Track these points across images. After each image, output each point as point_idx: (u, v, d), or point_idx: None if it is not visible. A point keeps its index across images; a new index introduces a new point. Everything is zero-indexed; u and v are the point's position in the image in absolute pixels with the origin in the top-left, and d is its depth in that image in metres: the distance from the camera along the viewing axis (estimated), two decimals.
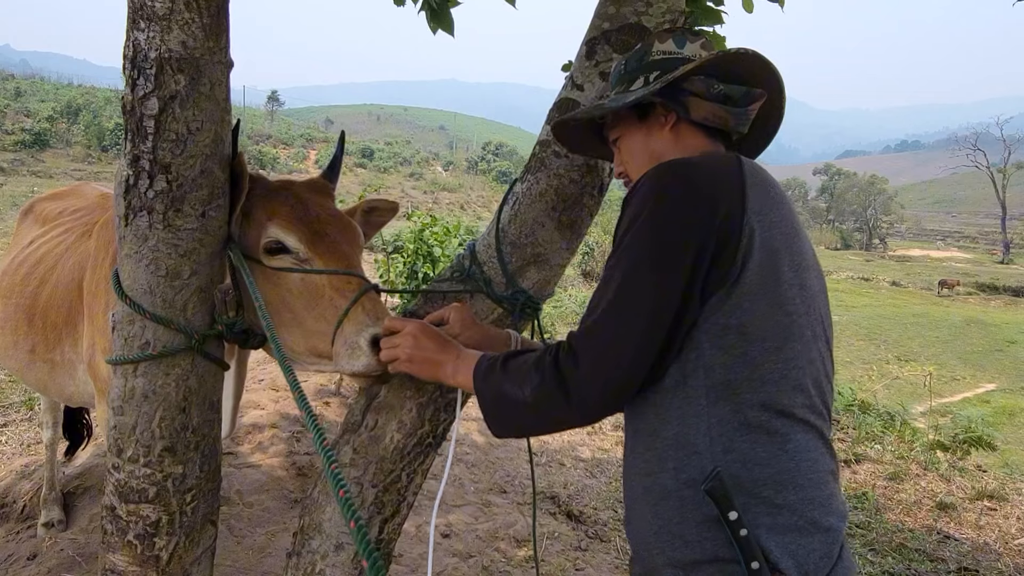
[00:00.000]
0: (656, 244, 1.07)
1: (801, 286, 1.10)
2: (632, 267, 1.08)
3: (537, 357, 1.16)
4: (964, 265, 47.99)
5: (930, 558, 3.61)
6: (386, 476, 1.70)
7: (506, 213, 1.74)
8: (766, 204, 1.10)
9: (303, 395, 1.09)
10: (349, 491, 0.86)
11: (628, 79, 1.31)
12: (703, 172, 1.11)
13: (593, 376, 1.08)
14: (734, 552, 1.01)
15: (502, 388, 1.18)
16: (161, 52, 1.37)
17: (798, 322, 1.08)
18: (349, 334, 1.48)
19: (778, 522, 1.02)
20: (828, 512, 1.06)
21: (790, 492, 1.04)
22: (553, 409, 1.13)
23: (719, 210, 1.06)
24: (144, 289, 1.48)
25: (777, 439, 1.05)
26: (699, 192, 1.07)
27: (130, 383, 1.52)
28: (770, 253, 1.07)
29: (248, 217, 1.62)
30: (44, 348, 2.30)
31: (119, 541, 1.57)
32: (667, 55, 1.26)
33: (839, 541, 1.07)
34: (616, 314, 1.08)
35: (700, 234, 1.04)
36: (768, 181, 1.16)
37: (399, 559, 2.96)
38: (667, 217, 1.07)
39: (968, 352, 22.53)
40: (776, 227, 1.10)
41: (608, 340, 1.08)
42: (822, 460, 1.09)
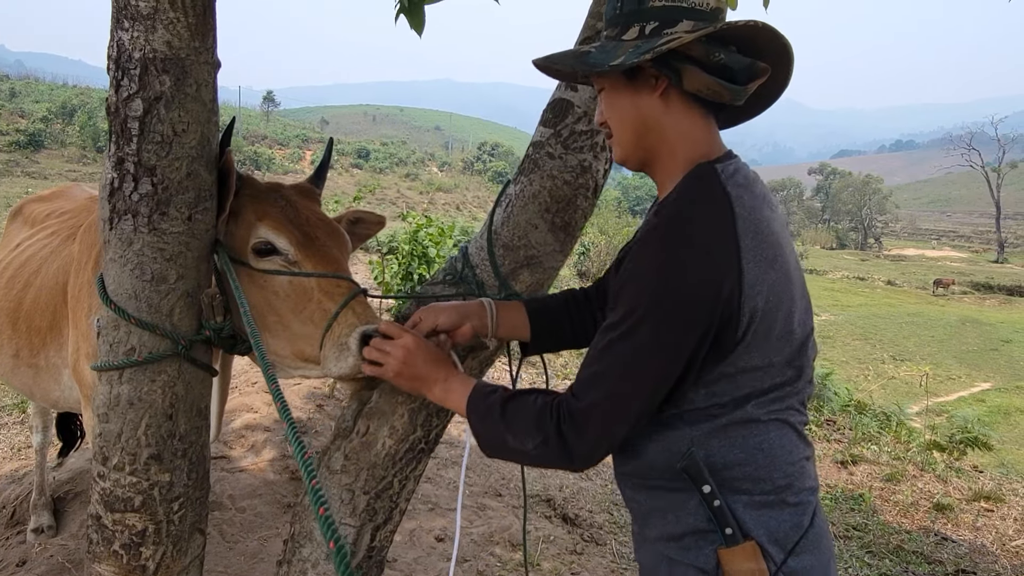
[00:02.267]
0: (661, 329, 1.06)
1: (789, 332, 1.12)
2: (634, 349, 1.08)
3: (537, 415, 1.17)
4: (959, 264, 48.16)
5: (928, 560, 3.60)
6: (378, 483, 1.67)
7: (499, 215, 1.72)
8: (761, 265, 1.07)
9: (285, 405, 1.07)
10: (330, 510, 0.83)
11: (622, 23, 1.16)
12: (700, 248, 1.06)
13: (596, 445, 1.13)
14: (711, 522, 1.12)
15: (502, 436, 1.20)
16: (145, 52, 1.34)
17: (783, 361, 1.13)
18: (338, 336, 1.45)
19: (753, 500, 1.12)
20: (799, 491, 1.15)
21: (765, 482, 1.12)
22: (554, 463, 1.18)
23: (722, 294, 1.04)
24: (129, 294, 1.45)
25: (752, 440, 1.12)
26: (700, 277, 1.04)
27: (115, 390, 1.49)
28: (765, 316, 1.08)
29: (236, 217, 1.60)
30: (28, 353, 2.27)
31: (105, 551, 1.54)
32: (669, 2, 1.11)
33: (809, 511, 1.15)
34: (618, 393, 1.10)
35: (704, 322, 1.05)
36: (759, 217, 1.10)
37: (392, 564, 2.93)
38: (672, 302, 1.05)
39: (963, 351, 22.61)
40: (772, 288, 1.08)
41: (610, 416, 1.11)
42: (796, 450, 1.16)
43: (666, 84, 1.14)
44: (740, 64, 1.12)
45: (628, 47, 1.12)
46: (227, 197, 1.53)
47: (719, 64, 1.11)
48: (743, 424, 1.12)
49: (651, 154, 1.22)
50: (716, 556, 1.12)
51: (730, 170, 1.14)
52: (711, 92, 1.12)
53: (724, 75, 1.11)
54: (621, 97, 1.20)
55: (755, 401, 1.12)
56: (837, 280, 38.22)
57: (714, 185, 1.12)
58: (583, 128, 1.68)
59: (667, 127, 1.17)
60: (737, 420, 1.12)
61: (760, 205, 1.13)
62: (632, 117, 1.19)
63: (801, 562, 1.11)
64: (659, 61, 1.11)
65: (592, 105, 1.68)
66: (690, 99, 1.15)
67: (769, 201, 1.17)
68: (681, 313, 1.04)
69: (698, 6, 1.11)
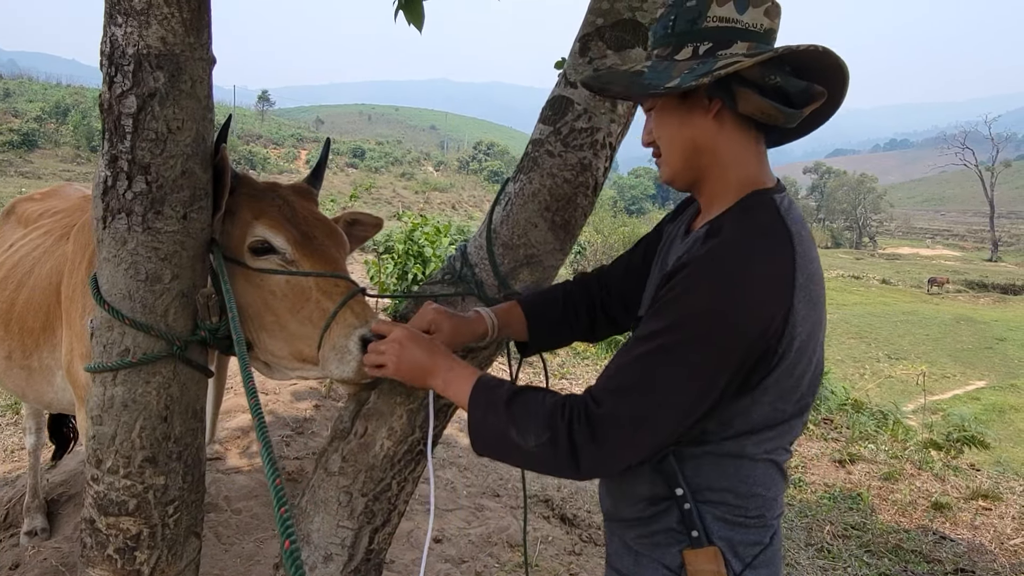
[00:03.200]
0: (703, 351, 1.03)
1: (808, 372, 1.12)
2: (674, 371, 1.04)
3: (549, 411, 1.13)
4: (953, 263, 48.33)
5: (926, 559, 3.59)
6: (376, 484, 1.65)
7: (498, 213, 1.70)
8: (807, 307, 1.07)
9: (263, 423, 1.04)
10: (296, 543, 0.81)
11: (675, 43, 1.14)
12: (759, 279, 1.04)
13: (607, 457, 1.09)
14: (680, 524, 1.16)
15: (504, 429, 1.15)
16: (139, 48, 1.32)
17: (795, 399, 1.13)
18: (337, 338, 1.43)
19: (723, 517, 1.15)
20: (768, 519, 1.18)
21: (739, 509, 1.16)
22: (554, 466, 1.14)
23: (769, 327, 1.03)
24: (123, 294, 1.42)
25: (739, 473, 1.15)
26: (753, 307, 1.03)
27: (109, 392, 1.47)
28: (796, 355, 1.07)
29: (232, 216, 1.57)
30: (21, 354, 2.24)
31: (99, 555, 1.52)
32: (723, 22, 1.09)
33: (770, 532, 1.19)
34: (646, 409, 1.06)
35: (747, 349, 1.03)
36: (811, 256, 1.10)
37: (391, 565, 2.91)
38: (719, 326, 1.02)
39: (958, 349, 22.68)
40: (807, 330, 1.08)
41: (630, 432, 1.07)
42: (774, 487, 1.18)
43: (720, 106, 1.13)
44: (796, 87, 1.10)
45: (682, 68, 1.11)
46: (222, 195, 1.51)
47: (775, 87, 1.09)
48: (735, 458, 1.14)
49: (700, 175, 1.20)
50: (681, 556, 1.16)
51: (786, 204, 1.14)
52: (765, 115, 1.11)
53: (779, 98, 1.10)
54: (672, 117, 1.18)
55: (755, 438, 1.13)
56: (832, 279, 38.31)
57: (775, 218, 1.11)
58: (583, 126, 1.66)
59: (719, 149, 1.16)
60: (731, 453, 1.14)
61: (810, 243, 1.13)
62: (683, 138, 1.17)
63: (757, 574, 1.16)
64: (714, 83, 1.10)
65: (592, 103, 1.67)
66: (743, 121, 1.14)
67: (810, 233, 1.17)
68: (730, 344, 1.02)
69: (751, 27, 1.10)
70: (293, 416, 4.21)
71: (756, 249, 1.06)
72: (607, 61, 1.66)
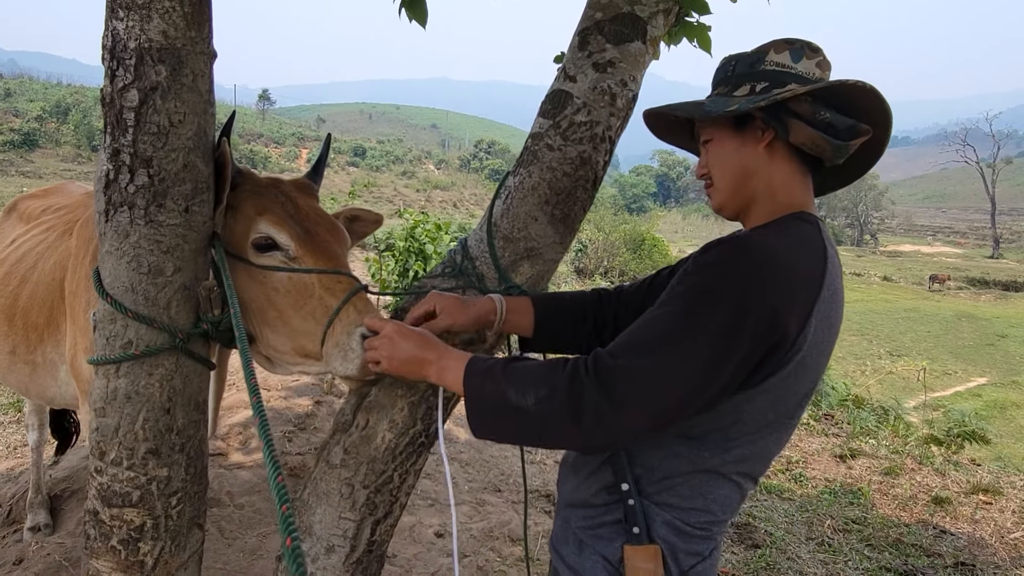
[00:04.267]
0: (726, 320, 1.03)
1: (807, 390, 1.16)
2: (693, 328, 1.04)
3: (550, 367, 1.11)
4: (954, 260, 48.28)
5: (927, 553, 3.60)
6: (378, 477, 1.66)
7: (498, 207, 1.71)
8: (823, 322, 1.10)
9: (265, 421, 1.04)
10: (297, 540, 0.82)
11: (734, 83, 1.25)
12: (791, 271, 1.07)
13: (618, 420, 1.04)
14: (623, 520, 1.19)
15: (503, 393, 1.11)
16: (141, 42, 1.33)
17: (783, 420, 1.17)
18: (340, 335, 1.44)
19: (672, 522, 1.18)
20: (715, 532, 1.22)
21: (690, 517, 1.18)
22: (555, 427, 1.08)
23: (788, 319, 1.05)
24: (126, 287, 1.43)
25: (703, 487, 1.18)
26: (779, 294, 1.05)
27: (112, 384, 1.48)
28: (798, 369, 1.10)
29: (235, 212, 1.58)
30: (25, 349, 2.25)
31: (102, 546, 1.53)
32: (779, 68, 1.20)
33: (711, 544, 1.22)
34: (660, 364, 1.04)
35: (766, 332, 1.04)
36: (837, 282, 1.14)
37: (392, 559, 2.92)
38: (745, 301, 1.03)
39: (959, 346, 22.66)
40: (816, 346, 1.10)
41: (647, 386, 1.04)
42: (730, 508, 1.22)
43: (772, 136, 1.20)
44: (843, 124, 1.16)
45: (740, 100, 1.19)
46: (223, 188, 1.52)
47: (824, 122, 1.16)
48: (705, 472, 1.17)
49: (749, 202, 1.25)
50: (622, 550, 1.19)
51: (827, 231, 1.20)
52: (815, 147, 1.17)
53: (829, 132, 1.16)
54: (726, 146, 1.25)
55: (731, 456, 1.16)
56: None
57: (816, 233, 1.16)
58: (582, 119, 1.67)
59: (770, 176, 1.22)
60: (703, 468, 1.16)
61: (839, 270, 1.18)
62: (735, 165, 1.24)
63: None
64: (769, 113, 1.18)
65: (591, 96, 1.67)
66: (793, 153, 1.21)
67: (841, 269, 1.22)
68: (751, 320, 1.03)
69: (804, 74, 1.19)
70: (294, 412, 4.22)
71: (792, 248, 1.11)
72: (606, 55, 1.67)
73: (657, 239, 21.12)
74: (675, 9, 1.75)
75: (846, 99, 1.17)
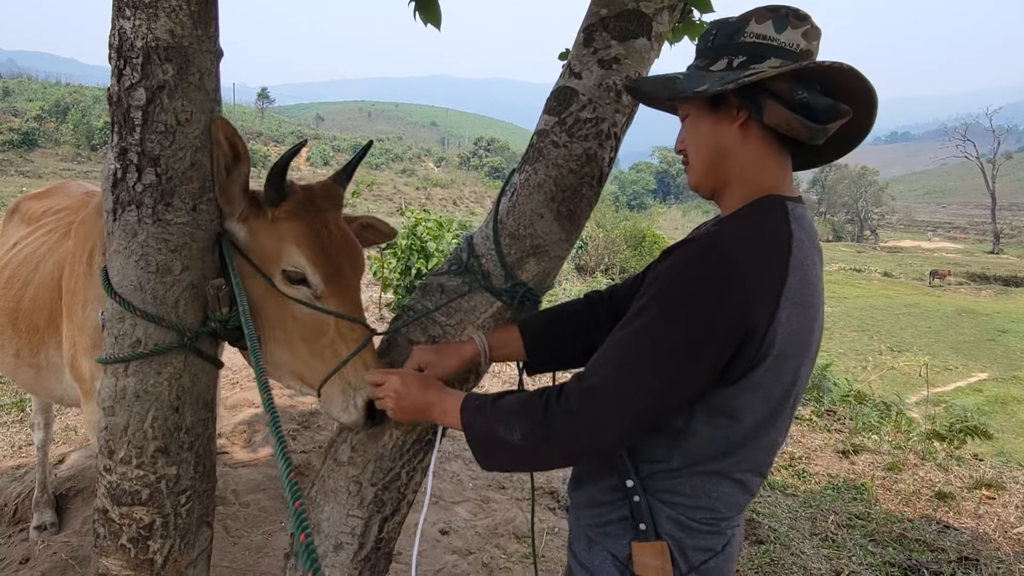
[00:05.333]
0: (683, 333, 1.06)
1: (795, 378, 1.15)
2: (652, 344, 1.07)
3: (528, 400, 1.18)
4: (955, 255, 48.26)
5: (930, 548, 3.61)
6: (385, 474, 1.67)
7: (504, 204, 1.70)
8: (796, 308, 1.09)
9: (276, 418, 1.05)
10: (311, 536, 0.82)
11: (712, 55, 1.19)
12: (747, 270, 1.06)
13: (583, 427, 1.11)
14: (630, 517, 1.20)
15: (492, 430, 1.20)
16: (148, 41, 1.33)
17: (780, 412, 1.17)
18: (347, 388, 1.48)
19: (677, 518, 1.18)
20: (723, 528, 1.21)
21: (695, 514, 1.19)
22: (541, 454, 1.18)
23: (750, 319, 1.05)
24: (134, 286, 1.44)
25: (705, 486, 1.18)
26: (737, 297, 1.05)
27: (121, 382, 1.48)
28: (780, 358, 1.10)
29: (268, 224, 1.52)
30: (28, 352, 2.25)
31: (112, 545, 1.53)
32: (759, 40, 1.14)
33: (723, 540, 1.21)
34: (625, 381, 1.09)
35: (726, 338, 1.05)
36: (809, 263, 1.13)
37: (398, 557, 2.92)
38: (701, 312, 1.05)
39: (960, 342, 22.66)
40: (795, 332, 1.10)
41: (609, 403, 1.10)
42: (736, 505, 1.21)
43: (746, 116, 1.17)
44: (822, 104, 1.13)
45: (714, 77, 1.16)
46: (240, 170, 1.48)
47: (801, 102, 1.13)
48: (706, 473, 1.17)
49: (723, 182, 1.24)
50: (629, 547, 1.20)
51: (798, 212, 1.17)
52: (790, 128, 1.14)
53: (805, 113, 1.13)
54: (702, 125, 1.23)
55: (733, 458, 1.16)
56: (834, 272, 38.26)
57: (779, 221, 1.14)
58: (588, 116, 1.67)
59: (742, 157, 1.20)
60: (705, 470, 1.17)
61: (812, 252, 1.15)
62: (709, 144, 1.22)
63: None
64: (742, 93, 1.14)
65: (597, 93, 1.67)
66: (768, 133, 1.18)
67: (819, 251, 1.20)
68: (712, 329, 1.05)
69: (788, 46, 1.13)
70: (298, 410, 4.23)
71: (751, 242, 1.10)
72: (612, 51, 1.67)
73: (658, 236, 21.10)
74: (680, 6, 1.75)
75: (828, 78, 1.15)
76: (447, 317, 1.68)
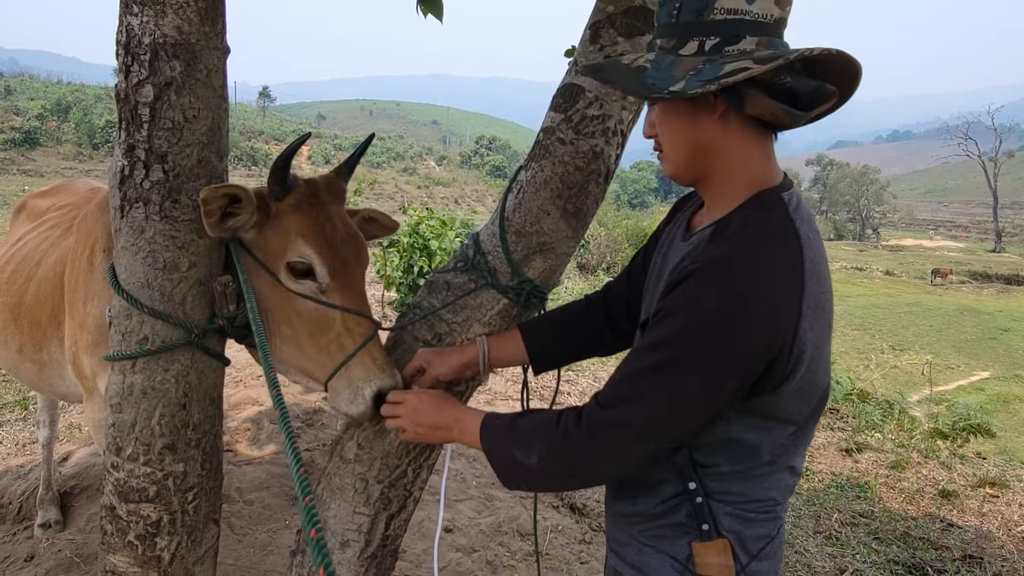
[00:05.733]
0: (713, 370, 1.02)
1: (825, 371, 1.14)
2: (680, 380, 1.04)
3: (545, 424, 1.17)
4: (956, 254, 48.22)
5: (934, 546, 3.60)
6: (391, 471, 1.67)
7: (510, 201, 1.70)
8: (816, 312, 1.05)
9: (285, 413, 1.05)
10: (321, 532, 0.82)
11: (680, 35, 1.07)
12: (770, 285, 1.02)
13: (609, 464, 1.13)
14: (690, 518, 1.17)
15: (511, 454, 1.19)
16: (155, 37, 1.33)
17: (819, 405, 1.17)
18: (355, 380, 1.47)
19: (735, 512, 1.17)
20: (779, 511, 1.21)
21: (751, 506, 1.18)
22: (560, 480, 1.21)
23: (776, 338, 1.02)
24: (141, 282, 1.44)
25: (758, 481, 1.17)
26: (764, 319, 1.01)
27: (128, 379, 1.48)
28: (810, 362, 1.07)
29: (273, 219, 1.52)
30: (31, 348, 2.24)
31: (119, 542, 1.53)
32: (731, 14, 1.03)
33: (777, 524, 1.21)
34: (645, 418, 1.07)
35: (755, 365, 1.03)
36: (820, 259, 1.09)
37: (402, 554, 2.92)
38: (732, 348, 1.01)
39: (962, 340, 22.65)
40: (819, 333, 1.07)
41: (638, 434, 1.09)
42: (787, 489, 1.21)
43: (725, 107, 1.08)
44: (807, 88, 1.07)
45: (687, 66, 1.05)
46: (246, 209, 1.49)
47: (785, 88, 1.06)
48: (761, 472, 1.16)
49: (704, 175, 1.17)
50: (689, 547, 1.17)
51: (795, 202, 1.12)
52: (773, 117, 1.07)
53: (789, 99, 1.07)
54: (675, 117, 1.14)
55: (786, 456, 1.16)
56: (835, 271, 38.24)
57: (784, 221, 1.08)
58: (594, 113, 1.66)
59: (725, 150, 1.12)
60: (760, 470, 1.16)
61: (818, 243, 1.11)
62: (687, 138, 1.13)
63: (761, 566, 1.18)
64: None
65: (603, 90, 1.67)
66: (750, 122, 1.10)
67: (818, 231, 1.15)
68: (737, 357, 1.02)
69: (761, 17, 1.04)
70: (303, 408, 4.23)
71: (765, 256, 1.04)
72: (618, 48, 1.66)
73: None
74: None
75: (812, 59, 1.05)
76: (453, 314, 1.67)
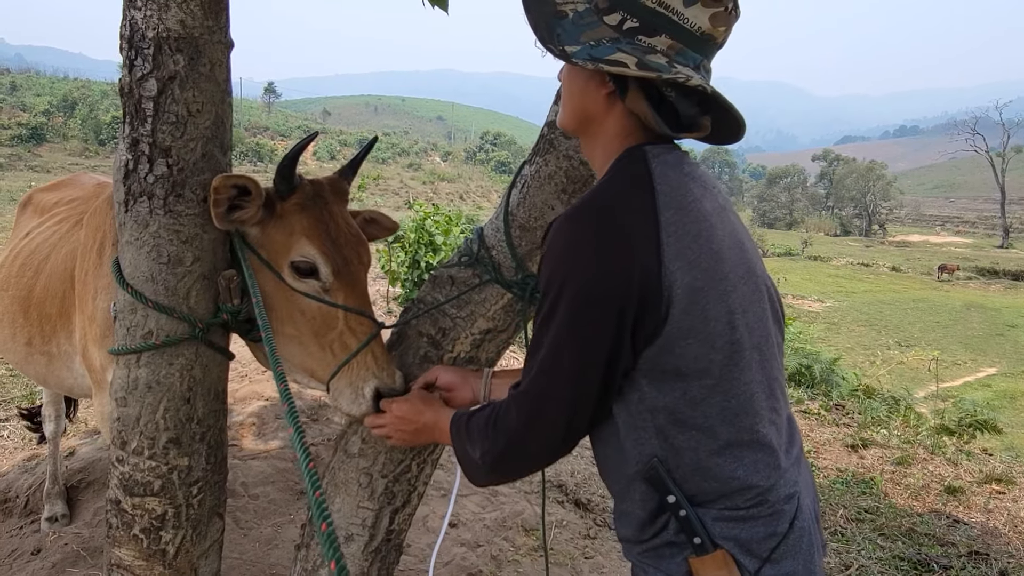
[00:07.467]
0: (576, 318, 1.05)
1: (730, 312, 1.07)
2: (555, 338, 1.07)
3: (485, 419, 1.20)
4: (963, 250, 48.02)
5: (940, 542, 3.59)
6: (396, 466, 1.67)
7: (515, 196, 1.70)
8: (684, 240, 1.04)
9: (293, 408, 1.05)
10: (332, 525, 0.82)
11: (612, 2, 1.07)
12: (616, 230, 1.03)
13: (532, 437, 1.14)
14: (679, 534, 1.10)
15: (466, 451, 1.23)
16: (159, 31, 1.33)
17: (735, 351, 1.08)
18: (356, 380, 1.48)
19: (722, 514, 1.10)
20: (773, 503, 1.11)
21: (735, 500, 1.10)
22: (500, 470, 1.21)
23: (635, 275, 1.02)
24: (146, 277, 1.44)
25: (727, 466, 1.09)
26: (614, 260, 1.02)
27: (133, 373, 1.48)
28: (693, 295, 1.04)
29: (277, 218, 1.52)
30: (40, 340, 2.26)
31: (125, 535, 1.54)
32: (660, 7, 1.03)
33: (786, 518, 1.11)
34: (545, 382, 1.10)
35: (619, 303, 1.02)
36: (684, 192, 1.08)
37: (406, 549, 2.93)
38: (585, 291, 1.03)
39: (968, 336, 22.57)
40: (697, 264, 1.05)
41: (541, 406, 1.11)
42: (771, 470, 1.12)
43: (612, 90, 1.12)
44: (687, 112, 1.10)
45: (596, 35, 1.08)
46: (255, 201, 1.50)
47: (667, 100, 1.09)
48: (721, 451, 1.09)
49: (587, 136, 1.22)
50: (687, 564, 1.11)
51: (657, 151, 1.12)
52: (644, 119, 1.11)
53: (667, 114, 1.09)
54: (574, 82, 1.18)
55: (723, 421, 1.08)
56: (842, 267, 38.14)
57: (638, 164, 1.11)
58: None
59: (606, 125, 1.17)
60: (717, 447, 1.08)
61: (688, 183, 1.10)
62: (579, 102, 1.18)
63: (780, 569, 1.09)
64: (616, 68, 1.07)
65: None
66: (631, 112, 1.13)
67: (705, 183, 1.14)
68: (595, 298, 1.03)
69: (687, 25, 1.04)
70: (307, 403, 4.24)
71: (610, 198, 1.07)
72: None
73: None
74: None
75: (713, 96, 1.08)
76: (457, 309, 1.67)
